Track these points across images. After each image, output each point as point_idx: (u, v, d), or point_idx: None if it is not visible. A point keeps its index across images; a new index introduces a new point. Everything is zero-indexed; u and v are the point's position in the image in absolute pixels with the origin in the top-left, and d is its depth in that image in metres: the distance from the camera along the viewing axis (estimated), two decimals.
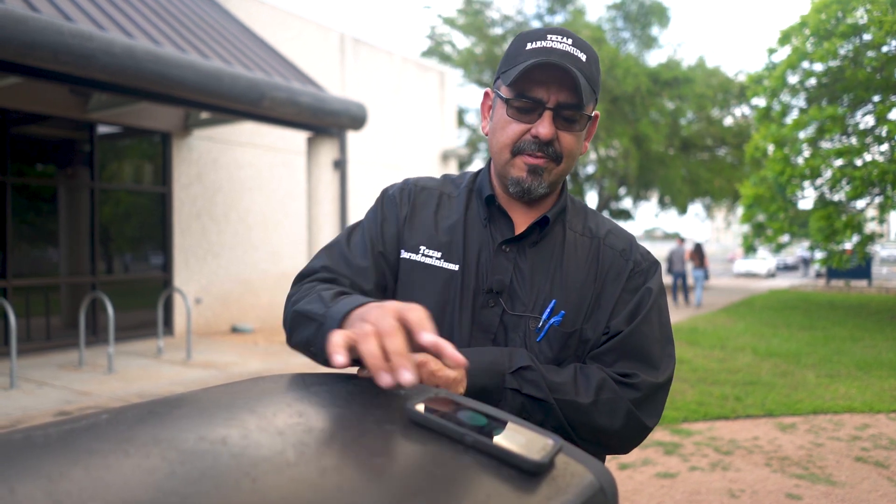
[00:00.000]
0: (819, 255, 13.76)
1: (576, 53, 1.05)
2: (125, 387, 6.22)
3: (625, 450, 1.09)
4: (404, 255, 1.16)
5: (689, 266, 16.16)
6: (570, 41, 1.06)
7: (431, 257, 1.14)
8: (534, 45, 1.06)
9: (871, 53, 11.90)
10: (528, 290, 1.10)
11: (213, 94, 6.68)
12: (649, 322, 1.10)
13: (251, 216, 10.76)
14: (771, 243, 14.50)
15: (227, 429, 0.54)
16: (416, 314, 0.74)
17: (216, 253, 10.20)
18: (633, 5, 24.14)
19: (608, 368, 1.07)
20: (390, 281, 1.16)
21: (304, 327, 0.99)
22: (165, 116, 9.41)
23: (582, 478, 0.58)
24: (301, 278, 1.18)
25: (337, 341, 0.72)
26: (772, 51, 14.13)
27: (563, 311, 1.08)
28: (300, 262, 11.21)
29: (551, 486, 0.54)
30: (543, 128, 1.05)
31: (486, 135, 1.17)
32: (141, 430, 0.54)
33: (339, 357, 0.70)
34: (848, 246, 13.16)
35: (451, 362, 0.74)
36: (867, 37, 11.86)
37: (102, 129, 9.00)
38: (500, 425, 0.61)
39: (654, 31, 24.72)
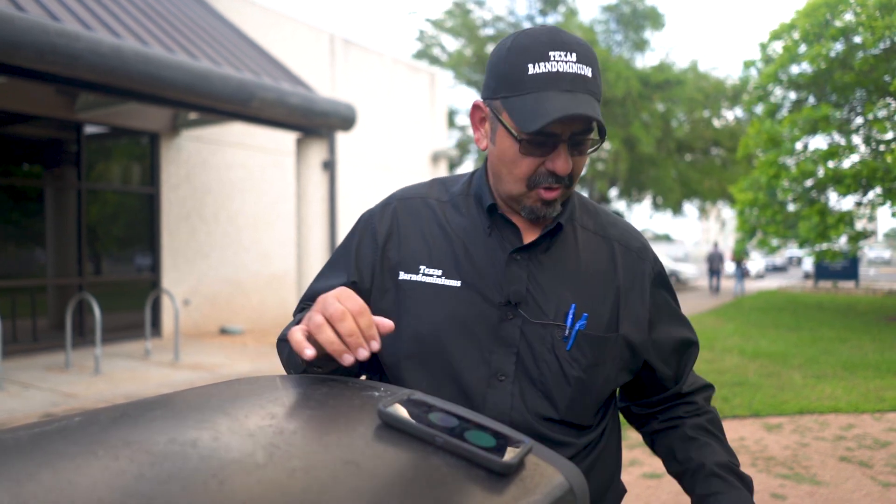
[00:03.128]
0: (804, 252, 13.98)
1: (583, 73, 0.97)
2: (112, 389, 6.18)
3: None
4: (403, 276, 1.10)
5: (728, 265, 23.07)
6: (574, 57, 0.97)
7: (432, 276, 1.08)
8: (537, 70, 0.96)
9: (859, 55, 12.02)
10: (546, 298, 1.05)
11: (202, 94, 6.66)
12: (680, 312, 1.21)
13: (241, 217, 10.72)
14: (764, 247, 14.66)
15: (198, 431, 0.55)
16: (364, 320, 0.79)
17: (205, 254, 10.16)
18: (627, 7, 24.25)
19: (689, 386, 1.21)
20: (380, 306, 1.11)
21: (284, 350, 1.04)
22: (154, 117, 9.36)
23: (551, 478, 0.58)
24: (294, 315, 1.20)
25: (297, 338, 0.78)
26: (764, 45, 14.21)
27: (585, 314, 1.05)
28: (290, 263, 11.18)
29: (520, 486, 0.55)
30: (561, 163, 0.99)
31: (483, 150, 1.10)
32: (112, 433, 0.54)
33: (308, 350, 0.77)
34: (842, 240, 13.39)
35: (383, 328, 0.82)
36: (857, 39, 11.98)
37: (90, 130, 8.95)
38: (471, 426, 0.62)
39: (647, 34, 24.84)
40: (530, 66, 0.97)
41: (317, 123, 8.08)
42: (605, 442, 1.13)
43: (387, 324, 0.83)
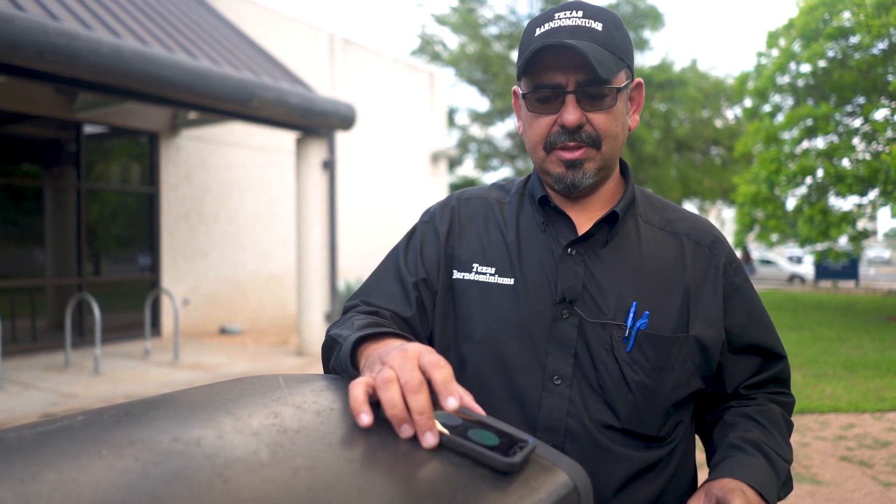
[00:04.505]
0: (804, 252, 14.04)
1: (588, 24, 0.95)
2: (112, 388, 6.18)
3: None
4: (457, 275, 1.06)
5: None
6: (580, 13, 0.96)
7: (485, 274, 1.04)
8: (542, 29, 0.97)
9: (858, 55, 12.04)
10: (605, 296, 0.99)
11: (202, 94, 6.65)
12: (763, 315, 1.11)
13: (240, 217, 10.72)
14: (764, 240, 14.71)
15: (202, 430, 0.54)
16: (442, 374, 0.63)
17: (205, 253, 10.16)
18: (628, 7, 24.26)
19: (757, 382, 1.11)
20: (437, 305, 1.06)
21: (330, 352, 0.94)
22: (153, 116, 9.36)
23: (556, 477, 0.58)
24: (343, 314, 1.08)
25: (357, 396, 0.62)
26: (760, 54, 14.28)
27: (647, 313, 0.98)
28: (289, 263, 11.18)
29: (524, 485, 0.55)
30: (568, 114, 0.95)
31: (522, 136, 1.07)
32: (116, 432, 0.54)
33: (365, 417, 0.60)
34: (843, 240, 13.43)
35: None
36: (854, 39, 12.00)
37: (89, 129, 8.94)
38: (475, 425, 0.61)
39: (647, 33, 24.84)
40: (537, 29, 0.99)
41: (316, 123, 8.08)
42: (678, 463, 1.02)
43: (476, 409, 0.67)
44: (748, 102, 14.87)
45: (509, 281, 1.02)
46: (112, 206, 9.37)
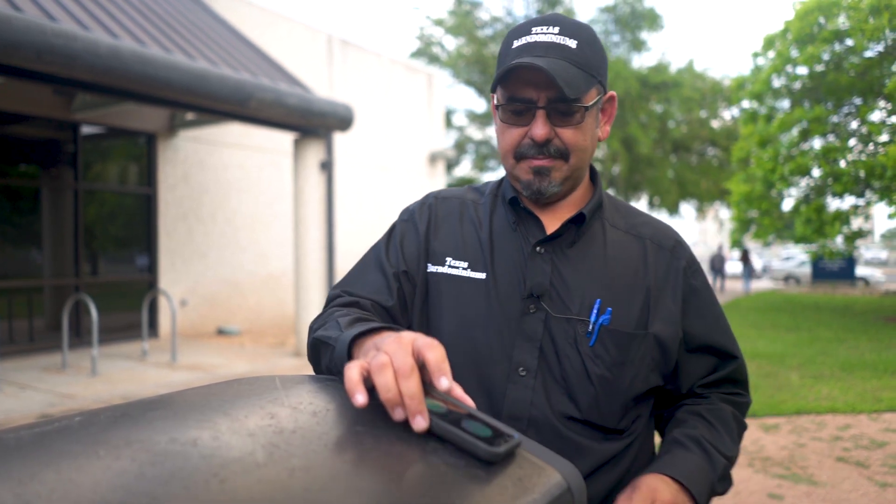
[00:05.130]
0: (800, 250, 14.09)
1: (562, 42, 0.99)
2: (109, 389, 6.18)
3: None
4: (431, 268, 1.11)
5: (735, 265, 26.91)
6: (556, 29, 1.00)
7: (458, 268, 1.09)
8: (519, 43, 1.01)
9: (853, 59, 12.09)
10: (570, 292, 1.04)
11: (200, 94, 6.66)
12: (719, 316, 1.15)
13: (238, 217, 10.71)
14: (760, 239, 14.76)
15: (198, 430, 0.55)
16: (435, 354, 0.66)
17: (203, 254, 10.15)
18: (625, 8, 24.29)
19: (711, 381, 1.14)
20: (416, 298, 1.11)
21: (322, 355, 0.95)
22: (151, 117, 9.35)
23: (549, 477, 0.59)
24: (326, 304, 1.13)
25: (352, 377, 0.64)
26: (756, 55, 14.33)
27: (609, 309, 1.02)
28: (287, 264, 11.18)
29: (518, 485, 0.56)
30: (538, 129, 1.00)
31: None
32: (113, 432, 0.54)
33: (360, 397, 0.62)
34: (839, 239, 13.47)
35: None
36: (849, 42, 12.05)
37: (86, 130, 8.93)
38: (467, 417, 0.62)
39: (644, 34, 24.89)
40: (515, 41, 1.02)
41: (314, 124, 8.08)
42: (636, 455, 1.06)
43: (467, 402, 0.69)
44: (746, 104, 14.93)
45: (481, 275, 1.07)
46: (110, 206, 9.36)
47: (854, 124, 13.22)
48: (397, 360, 0.65)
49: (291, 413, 0.62)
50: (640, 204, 28.37)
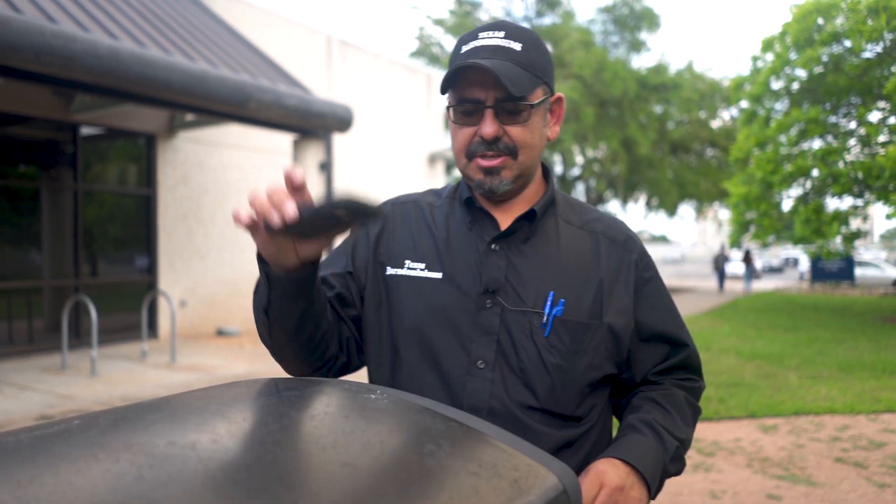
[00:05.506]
0: (800, 250, 14.11)
1: (508, 45, 1.04)
2: (109, 390, 6.17)
3: None
4: (390, 271, 1.15)
5: (738, 265, 27.42)
6: (502, 34, 1.06)
7: (416, 269, 1.13)
8: (467, 47, 1.07)
9: (851, 60, 12.10)
10: (525, 286, 1.08)
11: (199, 96, 6.66)
12: (669, 306, 1.19)
13: None
14: (759, 239, 14.77)
15: (197, 434, 0.55)
16: (288, 170, 0.84)
17: (202, 255, 10.15)
18: (624, 9, 24.29)
19: (665, 368, 1.18)
20: (367, 298, 1.16)
21: (258, 303, 1.05)
22: (150, 118, 9.35)
23: (545, 479, 0.59)
24: None
25: (239, 213, 0.84)
26: (756, 58, 14.35)
27: (562, 300, 1.07)
28: None
29: (514, 487, 0.56)
30: (486, 127, 1.04)
31: None
32: (113, 436, 0.54)
33: (241, 214, 0.84)
34: (837, 240, 13.48)
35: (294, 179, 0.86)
36: (847, 43, 12.06)
37: (86, 131, 8.93)
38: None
39: (643, 35, 24.89)
40: (463, 46, 1.08)
41: (313, 125, 8.08)
42: (594, 441, 1.11)
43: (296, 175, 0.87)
44: (745, 104, 14.96)
45: (438, 275, 1.12)
46: (109, 207, 9.36)
47: (852, 125, 13.24)
48: (266, 190, 0.83)
49: (290, 416, 0.62)
50: (640, 204, 28.40)
